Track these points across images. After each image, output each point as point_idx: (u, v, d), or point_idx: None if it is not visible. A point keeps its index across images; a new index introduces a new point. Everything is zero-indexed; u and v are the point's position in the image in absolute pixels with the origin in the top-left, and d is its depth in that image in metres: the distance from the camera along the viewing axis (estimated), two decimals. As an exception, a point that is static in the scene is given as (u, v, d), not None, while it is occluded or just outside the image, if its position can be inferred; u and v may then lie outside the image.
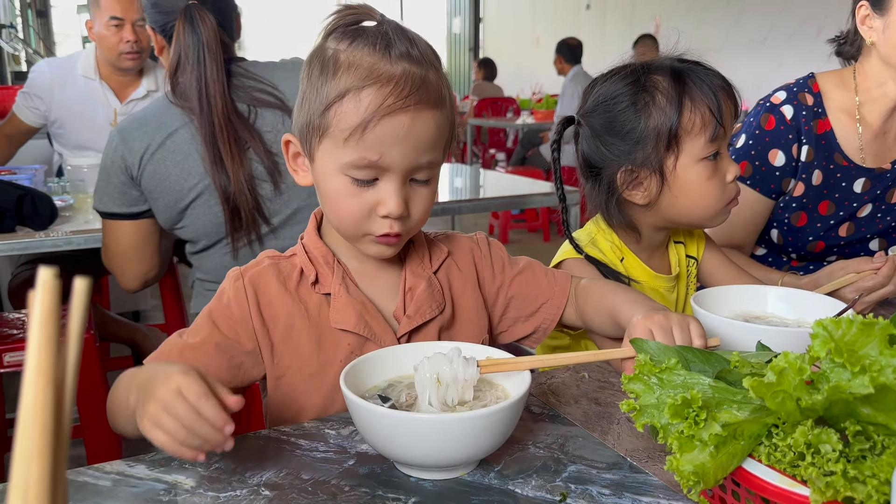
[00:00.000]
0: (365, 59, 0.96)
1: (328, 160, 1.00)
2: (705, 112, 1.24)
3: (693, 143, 1.25)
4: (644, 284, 1.38)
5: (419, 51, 0.99)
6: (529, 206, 2.99)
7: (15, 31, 6.92)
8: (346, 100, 0.95)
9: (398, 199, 0.99)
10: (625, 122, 1.28)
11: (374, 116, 0.94)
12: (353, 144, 0.96)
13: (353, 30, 1.00)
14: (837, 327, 0.68)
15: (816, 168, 1.69)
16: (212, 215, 1.81)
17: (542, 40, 11.06)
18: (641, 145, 1.27)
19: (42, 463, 0.31)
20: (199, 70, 1.74)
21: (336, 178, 1.00)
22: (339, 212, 1.03)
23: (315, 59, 1.01)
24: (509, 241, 6.46)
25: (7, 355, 2.09)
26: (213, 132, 1.74)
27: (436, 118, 1.00)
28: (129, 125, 1.80)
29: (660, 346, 0.83)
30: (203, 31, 1.74)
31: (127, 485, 0.87)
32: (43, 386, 0.31)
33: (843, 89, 1.70)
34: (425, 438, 0.82)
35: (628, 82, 1.29)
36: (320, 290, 1.08)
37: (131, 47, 2.84)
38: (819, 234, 1.74)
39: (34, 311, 0.32)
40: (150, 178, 1.79)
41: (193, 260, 1.95)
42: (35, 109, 2.97)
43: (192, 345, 1.03)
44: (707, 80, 1.25)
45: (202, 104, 1.74)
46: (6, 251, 2.05)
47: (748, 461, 0.70)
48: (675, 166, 1.27)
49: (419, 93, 0.96)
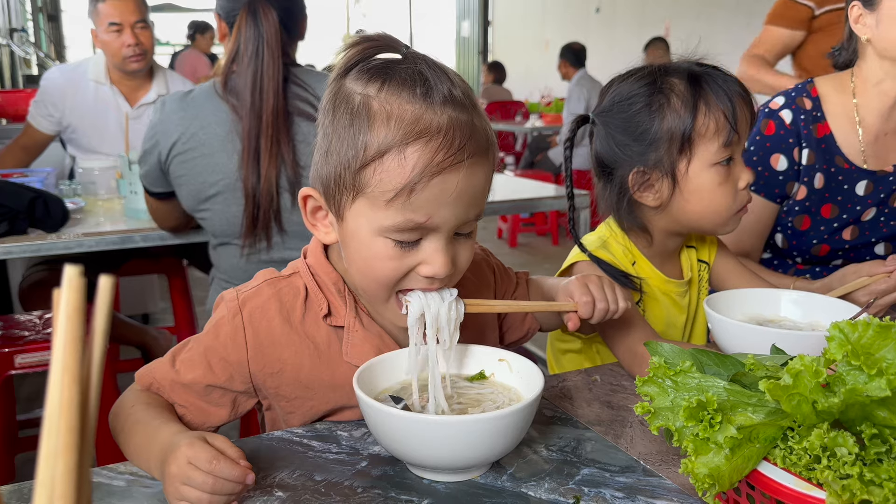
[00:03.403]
0: (405, 109, 0.85)
1: (363, 221, 0.89)
2: (720, 117, 1.23)
3: (706, 147, 1.25)
4: (656, 289, 1.38)
5: (461, 90, 0.88)
6: (538, 210, 2.99)
7: (26, 35, 6.97)
8: (388, 158, 0.84)
9: (445, 259, 0.90)
10: (639, 123, 1.28)
11: (422, 177, 0.84)
12: (398, 207, 0.86)
13: (381, 69, 0.89)
14: (854, 330, 0.68)
15: (818, 171, 1.69)
16: (229, 214, 1.84)
17: (552, 44, 11.05)
18: (654, 147, 1.27)
19: (68, 461, 0.31)
20: (256, 64, 1.75)
21: (374, 241, 0.89)
22: (373, 273, 0.92)
23: (340, 105, 0.89)
24: (518, 244, 6.46)
25: (18, 357, 2.10)
26: (259, 128, 1.76)
27: (486, 168, 0.90)
28: (171, 104, 1.85)
29: (674, 349, 0.83)
30: (265, 27, 1.75)
31: (141, 485, 0.88)
32: (69, 384, 0.31)
33: (842, 93, 1.71)
34: (438, 440, 0.82)
35: (645, 83, 1.28)
36: (332, 323, 1.00)
37: (133, 50, 2.87)
38: (823, 238, 1.74)
39: (60, 308, 0.32)
40: (177, 167, 1.84)
41: (212, 254, 2.01)
42: (49, 117, 2.99)
43: (183, 384, 0.98)
44: (724, 86, 1.24)
45: (254, 98, 1.75)
46: (18, 253, 2.06)
47: (763, 464, 0.70)
48: (687, 170, 1.27)
49: (470, 144, 0.86)
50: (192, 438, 0.82)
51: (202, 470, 0.78)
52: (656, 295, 1.38)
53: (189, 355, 1.00)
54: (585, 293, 1.08)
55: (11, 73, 6.62)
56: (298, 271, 1.04)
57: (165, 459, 0.82)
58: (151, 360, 1.04)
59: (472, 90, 0.91)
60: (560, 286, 1.14)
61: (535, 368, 0.94)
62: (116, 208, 2.48)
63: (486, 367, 1.01)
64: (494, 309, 1.05)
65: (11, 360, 2.09)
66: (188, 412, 0.99)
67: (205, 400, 0.99)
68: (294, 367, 1.00)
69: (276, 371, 1.00)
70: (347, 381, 0.90)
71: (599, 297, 1.07)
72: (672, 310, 1.40)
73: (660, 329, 1.37)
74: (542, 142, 7.28)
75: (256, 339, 0.98)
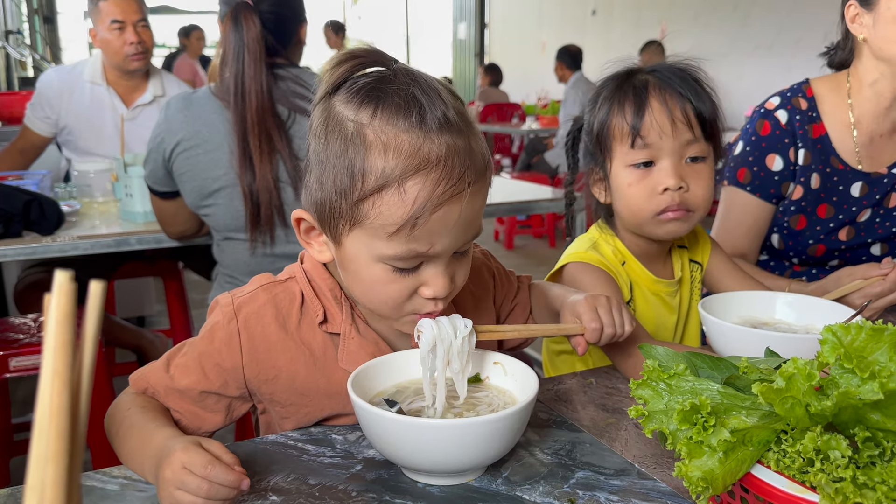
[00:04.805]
0: (402, 139, 0.83)
1: (362, 248, 0.89)
2: (626, 119, 1.27)
3: (619, 148, 1.30)
4: (646, 289, 1.38)
5: (454, 111, 0.86)
6: (535, 212, 2.98)
7: (22, 37, 6.96)
8: (388, 193, 0.83)
9: (445, 281, 0.90)
10: (591, 123, 1.35)
11: (424, 211, 0.83)
12: (400, 239, 0.85)
13: (371, 91, 0.86)
14: (847, 333, 0.68)
15: (814, 171, 1.70)
16: (233, 209, 1.88)
17: (548, 46, 11.06)
18: (595, 145, 1.34)
19: (58, 466, 0.31)
20: (238, 67, 1.81)
21: (373, 267, 0.89)
22: (375, 296, 0.93)
23: (333, 131, 0.87)
24: (514, 246, 6.46)
25: (13, 360, 2.09)
26: (245, 128, 1.81)
27: (485, 189, 0.90)
28: (175, 104, 1.90)
29: (668, 352, 0.83)
30: (245, 32, 1.80)
31: (134, 489, 0.88)
32: (59, 389, 0.31)
33: (838, 93, 1.72)
34: (432, 444, 0.82)
35: (607, 86, 1.34)
36: (328, 330, 1.00)
37: (136, 48, 2.88)
38: (819, 238, 1.74)
39: (50, 314, 0.32)
40: (181, 164, 1.89)
41: (216, 251, 2.04)
42: (47, 119, 2.99)
43: (178, 389, 0.98)
44: (644, 87, 1.27)
45: (237, 100, 1.81)
46: (13, 256, 2.05)
47: (757, 467, 0.70)
48: (611, 168, 1.32)
49: (469, 171, 0.85)
50: (187, 443, 0.82)
51: (197, 475, 0.78)
52: (646, 295, 1.39)
53: (183, 360, 0.99)
54: (594, 319, 1.04)
55: (7, 75, 6.61)
56: (295, 276, 1.03)
57: (160, 463, 0.82)
58: (146, 362, 1.03)
59: (464, 106, 0.90)
60: (567, 302, 1.10)
61: (529, 372, 0.94)
62: (112, 211, 2.48)
63: (482, 371, 1.01)
64: (505, 336, 1.04)
65: (6, 363, 2.08)
66: (183, 417, 0.99)
67: (199, 406, 0.99)
68: (289, 374, 1.00)
69: (272, 377, 0.99)
70: (343, 389, 0.89)
71: (608, 323, 1.05)
72: (662, 310, 1.40)
73: (650, 329, 1.37)
74: (539, 144, 7.29)
75: (251, 345, 0.98)
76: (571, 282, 1.32)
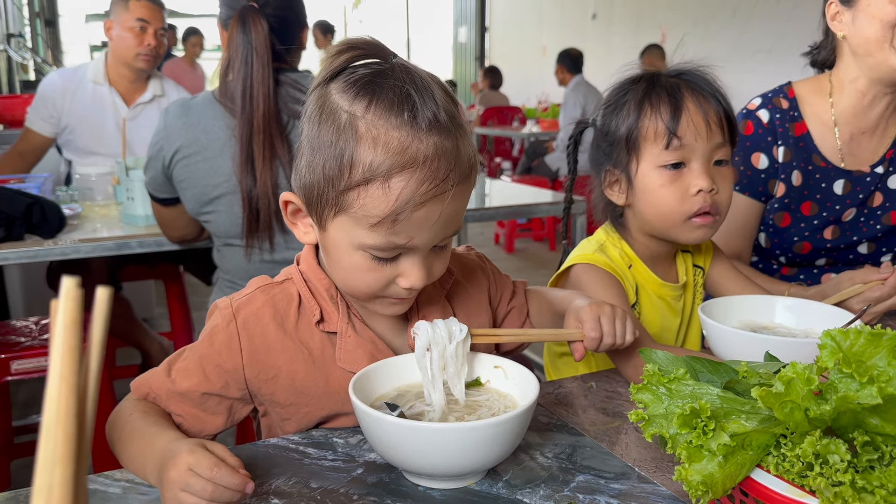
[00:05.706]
0: (392, 136, 0.85)
1: (344, 235, 0.92)
2: (661, 121, 1.27)
3: (650, 149, 1.29)
4: (651, 292, 1.39)
5: (445, 112, 0.88)
6: (535, 216, 3.00)
7: (23, 40, 6.97)
8: (373, 186, 0.86)
9: (422, 273, 0.93)
10: (609, 125, 1.34)
11: (406, 207, 0.85)
12: (381, 231, 0.88)
13: (367, 84, 0.88)
14: (845, 338, 0.68)
15: (795, 169, 1.72)
16: (233, 216, 1.88)
17: (549, 49, 11.08)
18: (616, 146, 1.33)
19: (65, 469, 0.31)
20: (246, 71, 1.80)
21: (353, 254, 0.92)
22: (353, 282, 0.96)
23: (327, 119, 0.89)
24: (515, 250, 6.46)
25: (14, 363, 2.10)
26: (251, 133, 1.80)
27: (467, 191, 0.92)
28: (174, 110, 1.89)
29: (668, 357, 0.83)
30: (254, 35, 1.79)
31: (137, 492, 0.88)
32: (66, 393, 0.32)
33: (819, 94, 1.74)
34: (433, 447, 0.82)
35: (624, 88, 1.34)
36: (325, 329, 1.01)
37: (151, 51, 2.95)
38: (804, 235, 1.76)
39: (57, 319, 0.32)
40: (181, 171, 1.89)
41: (216, 256, 2.05)
42: (49, 118, 3.01)
43: (179, 392, 0.98)
44: (678, 89, 1.27)
45: (244, 104, 1.80)
46: (14, 259, 2.06)
47: (756, 471, 0.70)
48: (637, 170, 1.31)
49: (454, 173, 0.87)
50: (193, 445, 0.82)
51: (202, 477, 0.78)
52: (651, 299, 1.39)
53: (184, 364, 1.00)
54: (595, 328, 1.04)
55: (8, 78, 6.62)
56: (291, 278, 1.05)
57: (164, 465, 0.82)
58: (149, 368, 1.04)
59: (457, 107, 0.92)
60: (572, 306, 1.10)
61: (530, 375, 0.95)
62: (113, 214, 2.48)
63: (482, 374, 1.01)
64: (502, 339, 1.06)
65: (7, 366, 2.09)
66: (185, 421, 0.99)
67: (201, 408, 0.99)
68: (289, 373, 1.00)
69: (271, 377, 1.00)
70: (342, 387, 0.91)
71: (608, 333, 1.04)
72: (667, 313, 1.41)
73: (654, 332, 1.38)
74: (539, 147, 7.29)
75: (251, 346, 0.99)
76: (577, 283, 1.33)
